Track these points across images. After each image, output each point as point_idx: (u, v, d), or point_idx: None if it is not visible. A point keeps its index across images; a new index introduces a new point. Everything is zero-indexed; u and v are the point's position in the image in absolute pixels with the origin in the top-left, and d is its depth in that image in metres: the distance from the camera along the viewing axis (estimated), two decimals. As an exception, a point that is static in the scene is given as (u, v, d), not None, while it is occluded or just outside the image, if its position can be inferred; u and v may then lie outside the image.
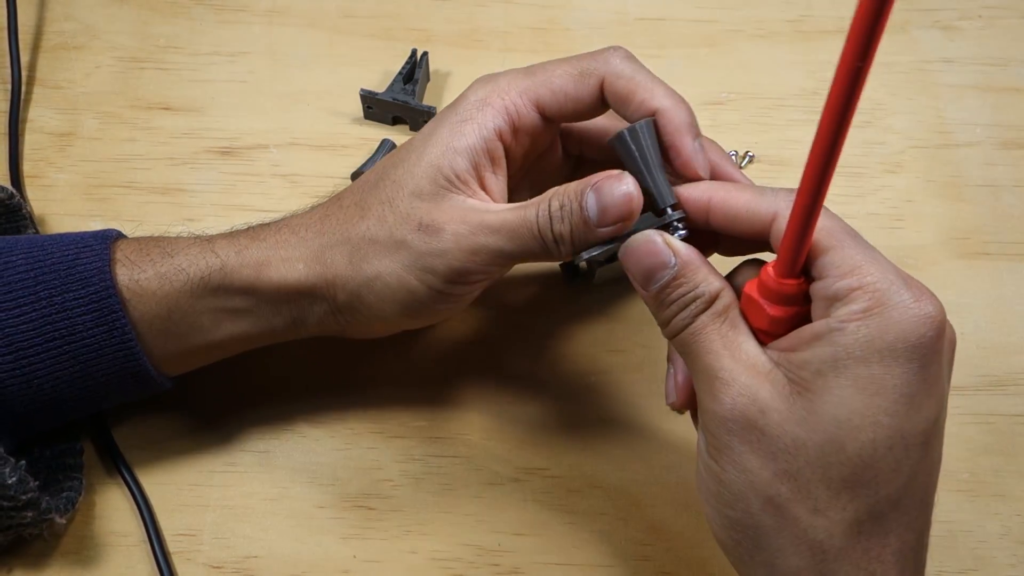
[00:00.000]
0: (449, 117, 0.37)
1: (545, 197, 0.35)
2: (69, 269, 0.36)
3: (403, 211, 0.36)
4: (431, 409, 0.45)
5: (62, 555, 0.41)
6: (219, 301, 0.38)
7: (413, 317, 0.38)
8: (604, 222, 0.34)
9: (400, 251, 0.36)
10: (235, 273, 0.37)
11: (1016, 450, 0.45)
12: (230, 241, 0.38)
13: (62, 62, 0.55)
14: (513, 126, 0.37)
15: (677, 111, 0.35)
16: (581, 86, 0.37)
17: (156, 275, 0.37)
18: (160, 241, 0.39)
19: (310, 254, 0.37)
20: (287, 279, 0.37)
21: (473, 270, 0.36)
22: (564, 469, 0.44)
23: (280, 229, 0.39)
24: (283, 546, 0.41)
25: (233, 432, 0.44)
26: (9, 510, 0.37)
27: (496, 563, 0.41)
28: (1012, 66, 0.57)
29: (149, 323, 0.37)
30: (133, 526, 0.41)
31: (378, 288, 0.36)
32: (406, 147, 0.38)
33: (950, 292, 0.49)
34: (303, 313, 0.39)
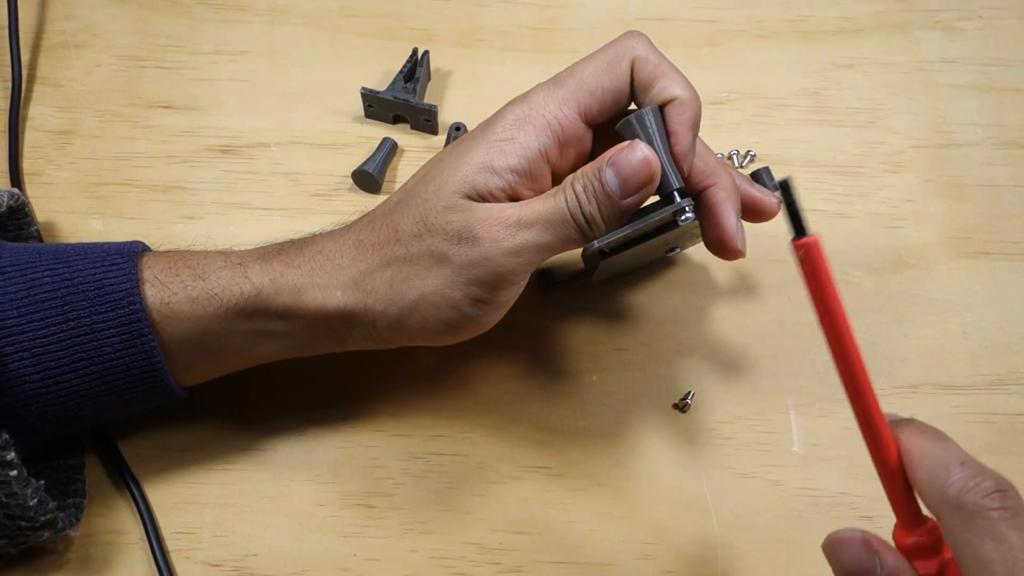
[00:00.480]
0: (484, 136, 0.36)
1: (567, 182, 0.35)
2: (97, 290, 0.36)
3: (438, 227, 0.36)
4: (432, 407, 0.45)
5: (60, 554, 0.40)
6: (254, 325, 0.38)
7: (455, 334, 0.37)
8: (627, 192, 0.34)
9: (441, 267, 0.36)
10: (271, 300, 0.37)
11: (1018, 449, 0.45)
12: (263, 267, 0.38)
13: (62, 60, 0.54)
14: (558, 141, 0.36)
15: (691, 105, 0.36)
16: (615, 75, 0.36)
17: (187, 299, 0.37)
18: (189, 260, 0.38)
19: (348, 281, 0.37)
20: (325, 307, 0.37)
21: (516, 271, 0.36)
22: (566, 467, 0.43)
23: (314, 255, 0.38)
24: (283, 544, 0.41)
25: (233, 430, 0.43)
26: (27, 530, 0.37)
27: (497, 562, 0.41)
28: (1012, 66, 0.57)
29: (179, 345, 0.37)
30: (132, 524, 0.41)
31: (422, 310, 0.36)
32: (435, 164, 0.37)
33: (951, 291, 0.49)
34: (341, 335, 0.39)
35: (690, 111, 0.36)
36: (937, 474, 0.27)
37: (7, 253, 0.37)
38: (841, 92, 0.55)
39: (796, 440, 0.44)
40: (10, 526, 0.36)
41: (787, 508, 0.43)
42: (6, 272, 0.36)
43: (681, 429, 0.45)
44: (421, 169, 0.39)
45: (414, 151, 0.52)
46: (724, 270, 0.49)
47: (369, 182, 0.50)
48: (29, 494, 0.35)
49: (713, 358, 0.46)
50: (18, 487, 0.35)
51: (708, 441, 0.44)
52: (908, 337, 0.47)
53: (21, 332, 0.35)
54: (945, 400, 0.46)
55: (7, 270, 0.36)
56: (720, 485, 0.43)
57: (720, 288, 0.49)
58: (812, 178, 0.52)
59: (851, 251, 0.50)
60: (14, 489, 0.35)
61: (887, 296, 0.49)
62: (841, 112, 0.55)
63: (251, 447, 0.43)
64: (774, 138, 0.54)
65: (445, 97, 0.54)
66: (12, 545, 0.38)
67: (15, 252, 0.37)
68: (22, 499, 0.35)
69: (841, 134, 0.54)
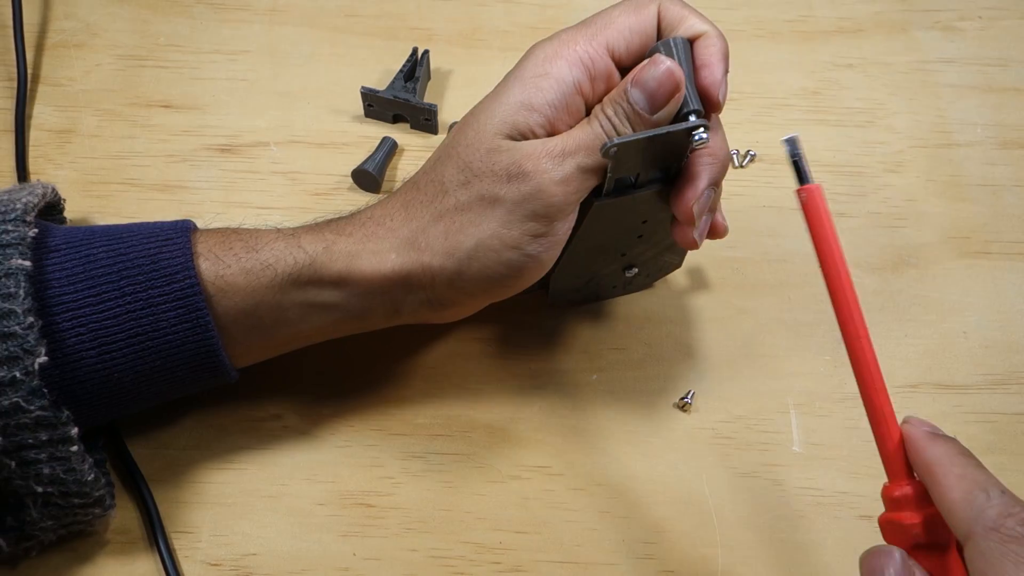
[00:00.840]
0: (517, 75, 0.37)
1: (597, 109, 0.36)
2: (153, 264, 0.36)
3: (484, 170, 0.36)
4: (432, 406, 0.45)
5: (60, 552, 0.40)
6: (308, 295, 0.38)
7: (517, 279, 0.37)
8: (656, 106, 0.35)
9: (495, 209, 0.36)
10: (325, 268, 0.37)
11: (1018, 448, 0.44)
12: (316, 236, 0.38)
13: (62, 60, 0.54)
14: (590, 75, 0.36)
15: (719, 39, 0.37)
16: (642, 17, 0.37)
17: (241, 270, 0.37)
18: (242, 234, 0.38)
19: (401, 242, 0.37)
20: (380, 270, 0.37)
21: (568, 199, 0.36)
22: (565, 467, 0.43)
23: (364, 223, 0.38)
24: (282, 543, 0.41)
25: (232, 429, 0.43)
26: (77, 507, 0.37)
27: (497, 561, 0.41)
28: (1012, 66, 0.57)
29: (234, 318, 0.37)
30: (135, 523, 0.41)
31: (480, 256, 0.36)
32: (471, 114, 0.38)
33: (951, 291, 0.49)
34: (396, 302, 0.38)
35: (719, 44, 0.36)
36: (976, 496, 0.28)
37: (60, 232, 0.37)
38: (841, 92, 0.55)
39: (796, 440, 0.44)
40: (63, 504, 0.36)
41: (787, 508, 0.43)
42: (60, 249, 0.36)
43: (681, 429, 0.44)
44: (459, 122, 0.39)
45: (414, 150, 0.52)
46: (724, 270, 0.49)
47: (369, 181, 0.50)
48: (86, 469, 0.36)
49: (713, 358, 0.46)
50: (76, 463, 0.35)
51: (708, 441, 0.44)
52: (908, 337, 0.47)
53: (78, 308, 0.35)
54: (945, 400, 0.46)
55: (61, 247, 0.36)
56: (720, 485, 0.43)
57: (720, 288, 0.49)
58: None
59: (851, 251, 0.50)
60: (73, 465, 0.35)
61: (887, 296, 0.48)
62: (841, 112, 0.55)
63: (250, 446, 0.43)
64: (774, 137, 0.53)
65: (445, 96, 0.54)
66: (56, 529, 0.38)
67: (68, 232, 0.38)
68: (80, 475, 0.35)
69: (841, 134, 0.54)
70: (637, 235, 0.42)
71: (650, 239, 0.42)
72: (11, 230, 0.35)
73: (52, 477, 0.35)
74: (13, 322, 0.33)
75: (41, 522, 0.37)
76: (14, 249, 0.34)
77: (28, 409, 0.33)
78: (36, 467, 0.35)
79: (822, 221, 0.32)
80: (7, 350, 0.33)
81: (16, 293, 0.33)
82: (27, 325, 0.33)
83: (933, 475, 0.30)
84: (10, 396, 0.33)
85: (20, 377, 0.33)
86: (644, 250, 0.43)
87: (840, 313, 0.32)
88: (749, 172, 0.52)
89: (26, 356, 0.33)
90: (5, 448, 0.34)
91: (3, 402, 0.33)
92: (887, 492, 0.32)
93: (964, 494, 0.29)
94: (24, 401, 0.33)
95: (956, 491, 0.29)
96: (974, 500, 0.28)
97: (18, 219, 0.36)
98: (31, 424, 0.34)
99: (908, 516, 0.31)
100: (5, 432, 0.33)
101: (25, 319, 0.33)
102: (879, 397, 0.32)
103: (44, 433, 0.34)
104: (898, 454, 0.31)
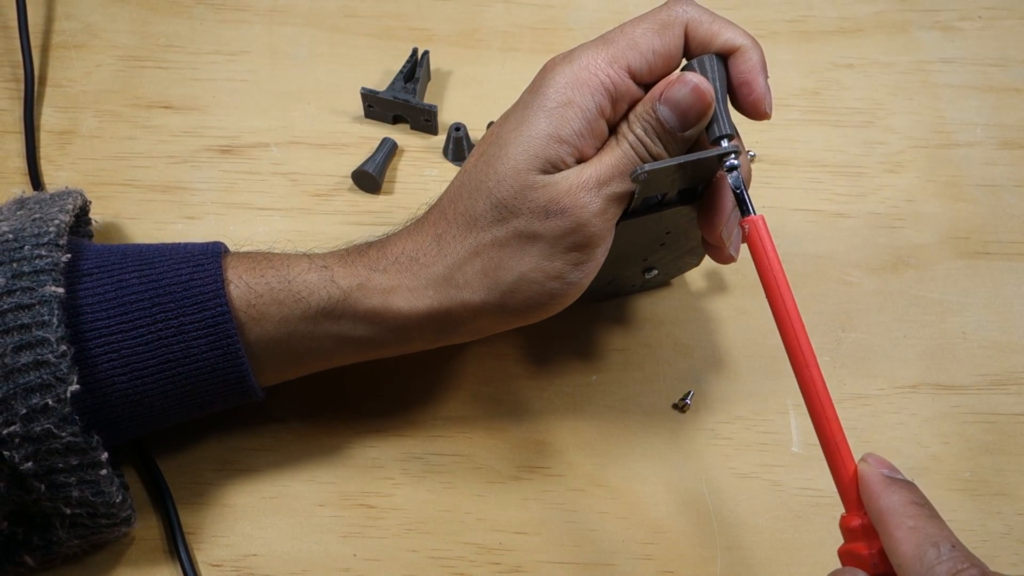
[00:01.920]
0: (540, 104, 0.36)
1: (624, 129, 0.36)
2: (185, 291, 0.36)
3: (522, 208, 0.36)
4: (432, 407, 0.45)
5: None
6: (342, 328, 0.38)
7: (559, 304, 0.37)
8: (686, 124, 0.35)
9: (535, 244, 0.36)
10: (359, 304, 0.37)
11: (1018, 449, 0.45)
12: (349, 271, 0.38)
13: (63, 61, 0.55)
14: (612, 99, 0.36)
15: (755, 51, 0.36)
16: (667, 38, 0.36)
17: (274, 300, 0.37)
18: (273, 261, 0.38)
19: (437, 279, 0.37)
20: (417, 308, 0.37)
21: (607, 227, 0.36)
22: (565, 468, 0.43)
23: (398, 257, 0.38)
24: (283, 544, 0.41)
25: (232, 430, 0.44)
26: (106, 526, 0.37)
27: (497, 562, 0.41)
28: (1012, 66, 0.57)
29: (265, 346, 0.37)
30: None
31: (523, 288, 0.36)
32: (497, 144, 0.37)
33: (951, 292, 0.49)
34: (433, 334, 0.38)
35: (756, 57, 0.36)
36: (927, 551, 0.28)
37: (92, 255, 0.37)
38: (841, 92, 0.55)
39: (795, 440, 0.44)
40: (90, 525, 0.37)
41: (786, 508, 0.43)
42: (93, 274, 0.36)
43: (681, 429, 0.45)
44: (477, 148, 0.38)
45: (414, 151, 0.52)
46: (723, 271, 0.49)
47: (369, 182, 0.50)
48: (115, 491, 0.36)
49: (713, 358, 0.47)
50: (105, 486, 0.35)
51: (707, 441, 0.44)
52: (907, 337, 0.47)
53: (111, 334, 0.35)
54: (944, 400, 0.46)
55: (94, 272, 0.36)
56: (719, 485, 0.43)
57: (720, 288, 0.49)
58: (812, 178, 0.52)
59: (851, 251, 0.50)
60: (102, 488, 0.35)
61: (886, 296, 0.49)
62: (841, 112, 0.55)
63: (251, 447, 0.43)
64: (774, 138, 0.54)
65: (445, 97, 0.54)
66: (83, 545, 0.38)
67: (100, 253, 0.38)
68: (108, 496, 0.36)
69: (841, 134, 0.54)
70: (660, 244, 0.42)
71: (672, 246, 0.43)
72: (44, 255, 0.35)
73: (81, 499, 0.35)
74: (47, 350, 0.33)
75: (68, 541, 0.37)
76: (47, 276, 0.34)
77: (59, 436, 0.33)
78: (65, 490, 0.35)
79: (765, 250, 0.34)
80: (40, 378, 0.33)
81: (50, 321, 0.34)
82: (60, 353, 0.33)
83: (885, 525, 0.29)
84: (42, 423, 0.33)
85: (52, 404, 0.33)
86: (665, 255, 0.44)
87: (787, 341, 0.33)
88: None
89: (58, 384, 0.33)
90: (36, 472, 0.34)
91: (35, 428, 0.33)
92: (844, 523, 0.32)
93: (915, 548, 0.28)
94: (56, 428, 0.33)
95: (907, 544, 0.28)
96: (925, 555, 0.28)
97: (52, 243, 0.36)
98: (62, 449, 0.34)
99: (864, 546, 0.31)
100: (36, 457, 0.34)
101: (58, 347, 0.33)
102: (831, 426, 0.32)
103: (74, 458, 0.34)
104: (852, 486, 0.31)
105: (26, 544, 0.37)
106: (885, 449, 0.44)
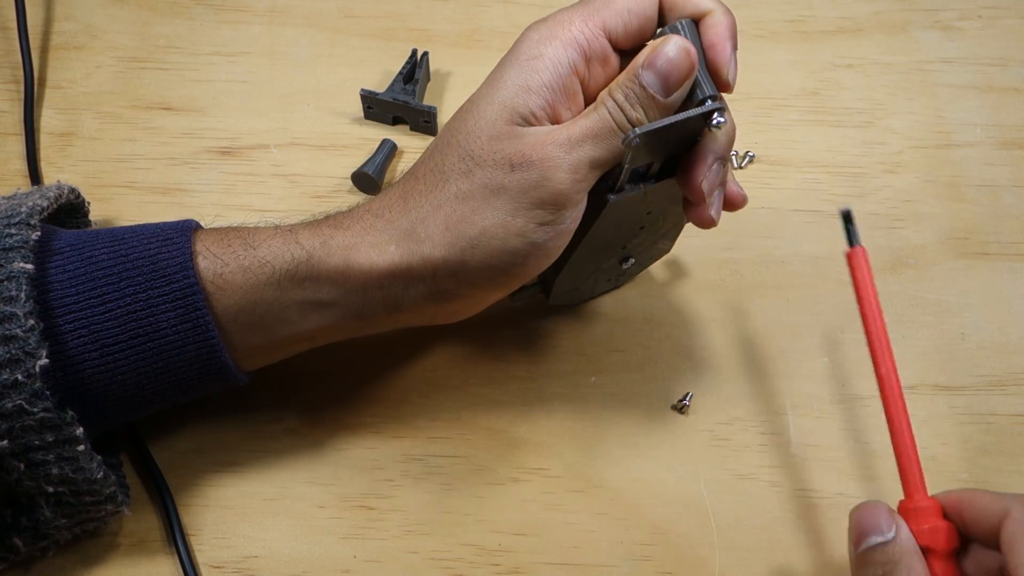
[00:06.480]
0: (513, 59, 0.36)
1: (605, 95, 0.35)
2: (152, 264, 0.36)
3: (487, 158, 0.35)
4: (431, 409, 0.45)
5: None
6: (306, 293, 0.37)
7: (522, 268, 0.36)
8: (669, 89, 0.34)
9: (499, 198, 0.35)
10: (322, 263, 0.37)
11: (1016, 450, 0.45)
12: (313, 231, 0.37)
13: (63, 62, 0.55)
14: (585, 56, 0.35)
15: (725, 16, 0.36)
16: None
17: (240, 268, 0.37)
18: (241, 232, 0.38)
19: (400, 234, 0.36)
20: (378, 264, 0.36)
21: (576, 188, 0.35)
22: (564, 469, 0.44)
23: (363, 215, 0.37)
24: (283, 546, 0.41)
25: (232, 431, 0.44)
26: (90, 504, 0.37)
27: (496, 563, 0.41)
28: (1012, 66, 0.57)
29: (233, 317, 0.37)
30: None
31: (484, 244, 0.35)
32: (469, 100, 0.37)
33: (950, 292, 0.49)
34: (396, 298, 0.38)
35: (724, 22, 0.36)
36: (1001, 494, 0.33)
37: (65, 235, 0.37)
38: (840, 92, 0.55)
39: (794, 441, 0.45)
40: (75, 503, 0.37)
41: (785, 509, 0.43)
42: (64, 252, 0.36)
43: (680, 430, 0.45)
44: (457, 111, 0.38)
45: (414, 153, 0.53)
46: (722, 272, 0.49)
47: (369, 184, 0.50)
48: (95, 467, 0.36)
49: (712, 360, 0.47)
50: (85, 462, 0.35)
51: (706, 442, 0.44)
52: (906, 338, 0.47)
53: (80, 310, 0.35)
54: (943, 401, 0.46)
55: (64, 250, 0.36)
56: (718, 486, 0.43)
57: (718, 290, 0.49)
58: (811, 178, 0.52)
59: (850, 252, 0.50)
60: (81, 464, 0.35)
61: (885, 296, 0.48)
62: (840, 112, 0.55)
63: (251, 449, 0.43)
64: (773, 138, 0.54)
65: (444, 98, 0.54)
66: (70, 527, 0.38)
67: (73, 235, 0.38)
68: (89, 473, 0.36)
69: (840, 134, 0.54)
70: (640, 226, 0.41)
71: (650, 228, 0.42)
72: (14, 233, 0.35)
73: (61, 477, 0.35)
74: (15, 325, 0.33)
75: (55, 521, 0.37)
76: (16, 252, 0.35)
77: (32, 411, 0.33)
78: (45, 468, 0.35)
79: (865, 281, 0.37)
80: (9, 353, 0.33)
81: (18, 296, 0.34)
82: (28, 328, 0.33)
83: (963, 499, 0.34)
84: (13, 399, 0.33)
85: (22, 380, 0.33)
86: (643, 240, 0.43)
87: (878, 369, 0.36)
88: (748, 173, 0.53)
89: (27, 359, 0.33)
90: (13, 451, 0.34)
91: (6, 405, 0.33)
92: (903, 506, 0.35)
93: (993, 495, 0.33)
94: (27, 403, 0.33)
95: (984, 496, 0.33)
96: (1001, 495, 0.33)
97: (22, 223, 0.36)
98: (36, 426, 0.34)
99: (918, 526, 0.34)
100: (11, 435, 0.34)
101: (26, 322, 0.33)
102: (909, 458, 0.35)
103: (50, 435, 0.34)
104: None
105: (15, 526, 0.37)
106: (885, 449, 0.44)
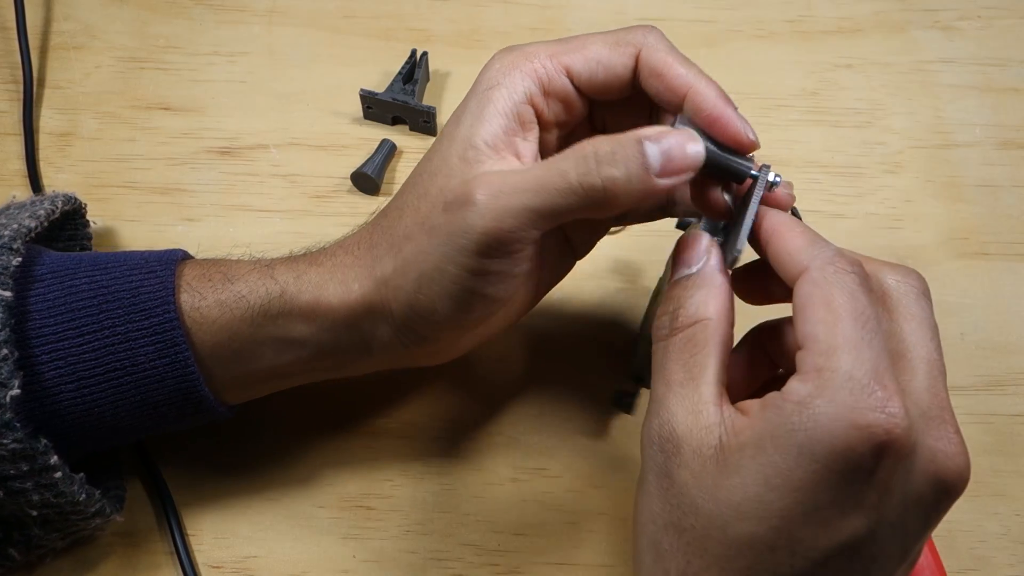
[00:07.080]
0: (474, 89, 0.35)
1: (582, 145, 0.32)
2: (133, 297, 0.35)
3: (434, 196, 0.34)
4: (431, 409, 0.45)
5: (70, 552, 0.40)
6: (279, 330, 0.36)
7: (468, 314, 0.34)
8: (667, 172, 0.32)
9: (432, 237, 0.33)
10: (294, 299, 0.36)
11: (1015, 450, 0.45)
12: (289, 267, 0.37)
13: (62, 62, 0.55)
14: (543, 89, 0.35)
15: (711, 87, 0.34)
16: (615, 54, 0.35)
17: (217, 303, 0.36)
18: (222, 265, 0.38)
19: (363, 271, 0.36)
20: (345, 301, 0.36)
21: (505, 238, 0.32)
22: (563, 469, 0.44)
23: (335, 252, 0.37)
24: (282, 546, 0.41)
25: (231, 433, 0.44)
26: (78, 521, 0.37)
27: (495, 563, 0.41)
28: (1012, 66, 0.57)
29: (211, 351, 0.36)
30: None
31: (425, 289, 0.34)
32: (440, 135, 0.36)
33: (949, 292, 0.49)
34: (366, 337, 0.37)
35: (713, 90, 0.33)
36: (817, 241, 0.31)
37: (48, 260, 0.37)
38: (840, 92, 0.55)
39: (794, 441, 0.44)
40: (62, 522, 0.37)
41: (784, 509, 0.43)
42: (45, 279, 0.36)
43: (679, 430, 0.45)
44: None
45: (413, 153, 0.53)
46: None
47: (368, 184, 0.50)
48: (76, 491, 0.35)
49: (711, 359, 0.47)
50: (65, 487, 0.35)
51: (706, 442, 0.44)
52: (906, 338, 0.47)
53: (57, 340, 0.35)
54: (943, 401, 0.46)
55: (46, 277, 0.36)
56: (718, 486, 0.43)
57: (718, 289, 0.49)
58: (810, 179, 0.52)
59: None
60: (61, 489, 0.35)
61: (885, 297, 0.49)
62: (840, 112, 0.55)
63: (250, 449, 0.43)
64: (773, 138, 0.54)
65: (444, 98, 0.54)
66: (63, 538, 0.38)
67: (55, 260, 0.37)
68: (70, 496, 0.35)
69: (840, 134, 0.54)
70: None
71: None
72: None
73: (43, 502, 0.35)
74: None
75: (46, 536, 0.37)
76: None
77: (2, 443, 0.33)
78: (24, 495, 0.34)
79: None
80: None
81: None
82: (1, 357, 0.33)
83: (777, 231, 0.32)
84: None
85: None
86: None
87: None
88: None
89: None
90: None
91: None
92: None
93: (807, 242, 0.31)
94: None
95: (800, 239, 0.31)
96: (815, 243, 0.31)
97: (4, 247, 0.35)
98: (8, 456, 0.33)
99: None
100: None
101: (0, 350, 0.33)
102: None
103: (24, 464, 0.33)
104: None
105: (8, 540, 0.37)
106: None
